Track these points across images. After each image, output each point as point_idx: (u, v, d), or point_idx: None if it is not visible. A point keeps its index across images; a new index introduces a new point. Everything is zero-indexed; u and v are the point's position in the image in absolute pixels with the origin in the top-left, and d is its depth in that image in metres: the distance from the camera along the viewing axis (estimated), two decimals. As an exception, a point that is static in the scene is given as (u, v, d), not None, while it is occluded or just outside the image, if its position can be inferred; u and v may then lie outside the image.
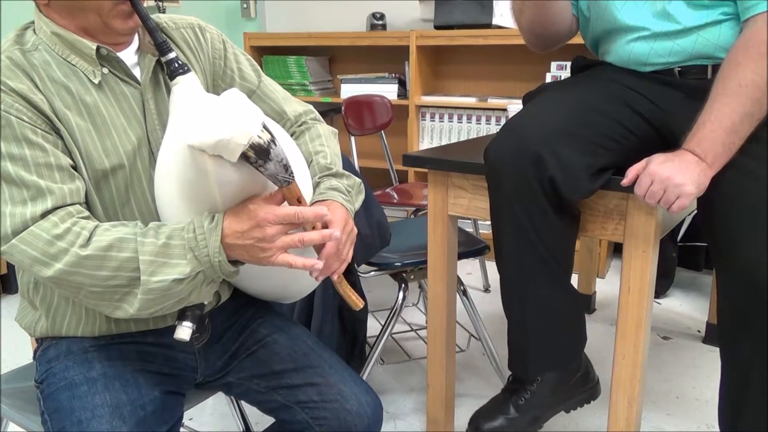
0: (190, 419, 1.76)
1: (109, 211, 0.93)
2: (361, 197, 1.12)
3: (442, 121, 3.12)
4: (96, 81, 0.91)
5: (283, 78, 3.45)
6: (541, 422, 1.33)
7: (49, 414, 0.93)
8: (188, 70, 0.92)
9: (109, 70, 0.93)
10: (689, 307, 2.51)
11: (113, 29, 0.90)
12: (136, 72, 0.96)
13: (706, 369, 2.02)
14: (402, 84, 3.22)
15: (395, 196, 2.59)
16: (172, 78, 0.92)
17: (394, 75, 3.21)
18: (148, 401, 0.95)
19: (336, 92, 3.50)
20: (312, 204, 0.99)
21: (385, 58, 3.38)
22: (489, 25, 2.84)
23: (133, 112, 0.94)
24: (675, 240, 2.63)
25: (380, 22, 3.28)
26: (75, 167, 0.89)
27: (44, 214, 0.83)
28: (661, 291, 2.59)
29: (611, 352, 1.29)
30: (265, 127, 0.81)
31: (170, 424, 0.96)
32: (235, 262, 0.88)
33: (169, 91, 0.97)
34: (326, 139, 1.14)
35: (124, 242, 0.83)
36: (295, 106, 1.17)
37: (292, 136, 1.14)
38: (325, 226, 0.93)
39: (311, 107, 1.20)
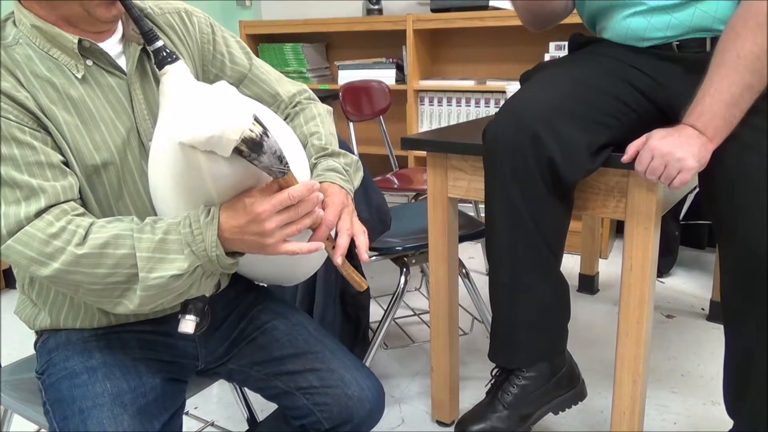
0: (195, 408, 1.77)
1: (103, 206, 0.91)
2: (360, 174, 1.10)
3: (441, 105, 3.10)
4: (79, 75, 0.88)
5: (280, 66, 3.43)
6: (531, 423, 1.32)
7: (51, 404, 0.93)
8: (177, 59, 0.89)
9: (94, 62, 0.90)
10: (693, 285, 2.50)
11: (96, 17, 0.87)
12: (122, 62, 0.93)
13: (711, 346, 2.02)
14: (400, 69, 3.20)
15: (395, 181, 2.58)
16: (160, 67, 0.88)
17: (391, 60, 3.19)
18: (149, 389, 0.94)
19: (333, 79, 3.49)
20: None
21: (382, 43, 3.36)
22: (486, 7, 2.82)
23: (120, 103, 0.92)
24: (678, 218, 2.62)
25: (376, 7, 3.26)
26: (66, 163, 0.87)
27: (38, 213, 0.81)
28: (664, 270, 2.59)
29: (615, 332, 1.29)
30: (256, 119, 0.78)
31: (172, 411, 0.96)
32: (234, 254, 0.87)
33: (156, 80, 0.95)
34: (321, 119, 1.12)
35: (121, 239, 0.82)
36: (288, 86, 1.16)
37: (286, 118, 1.13)
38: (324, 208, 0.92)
39: (305, 86, 1.18)
